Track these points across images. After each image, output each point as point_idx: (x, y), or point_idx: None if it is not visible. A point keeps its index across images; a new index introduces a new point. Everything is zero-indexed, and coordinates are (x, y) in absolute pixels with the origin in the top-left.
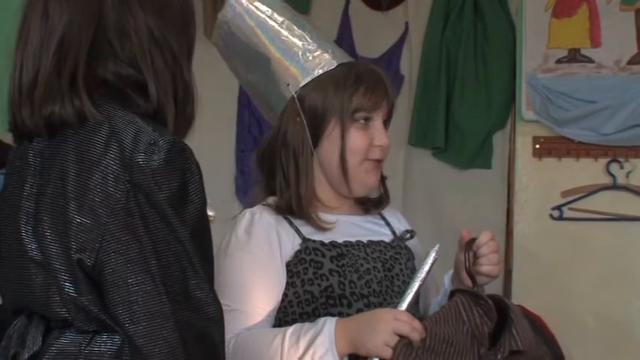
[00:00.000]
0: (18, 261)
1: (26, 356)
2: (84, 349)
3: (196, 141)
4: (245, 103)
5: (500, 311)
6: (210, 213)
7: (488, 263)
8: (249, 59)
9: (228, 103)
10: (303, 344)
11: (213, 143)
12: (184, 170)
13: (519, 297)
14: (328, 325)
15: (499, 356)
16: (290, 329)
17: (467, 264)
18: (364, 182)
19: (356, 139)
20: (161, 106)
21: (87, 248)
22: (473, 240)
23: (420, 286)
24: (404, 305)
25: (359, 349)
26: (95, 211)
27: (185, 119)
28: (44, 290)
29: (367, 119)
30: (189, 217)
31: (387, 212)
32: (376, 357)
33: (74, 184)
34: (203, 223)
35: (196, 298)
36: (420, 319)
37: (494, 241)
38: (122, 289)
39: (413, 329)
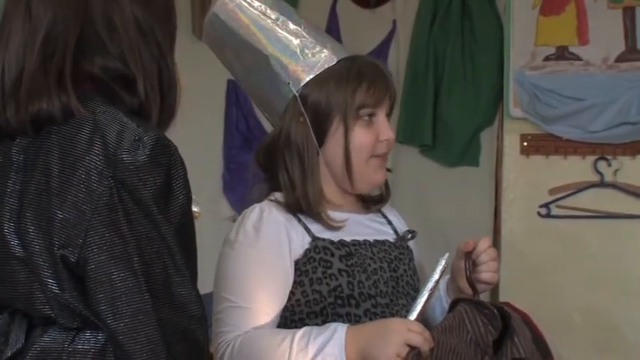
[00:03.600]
0: (0, 258)
1: (9, 354)
2: (67, 347)
3: (184, 138)
4: (233, 100)
5: (502, 319)
6: (195, 209)
7: (488, 270)
8: (246, 59)
9: (216, 100)
10: (312, 350)
11: (200, 140)
12: (169, 167)
13: (507, 295)
14: (339, 332)
15: None
16: (299, 332)
17: (467, 273)
18: (372, 180)
19: (361, 136)
20: (147, 100)
21: (70, 244)
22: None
23: (430, 295)
24: (414, 315)
25: (369, 359)
26: (79, 206)
27: (169, 111)
28: (27, 287)
29: (371, 115)
30: (173, 214)
31: (387, 210)
32: None
33: (57, 180)
34: (187, 220)
35: (179, 296)
36: (426, 327)
37: (492, 249)
38: (105, 285)
39: (425, 340)
